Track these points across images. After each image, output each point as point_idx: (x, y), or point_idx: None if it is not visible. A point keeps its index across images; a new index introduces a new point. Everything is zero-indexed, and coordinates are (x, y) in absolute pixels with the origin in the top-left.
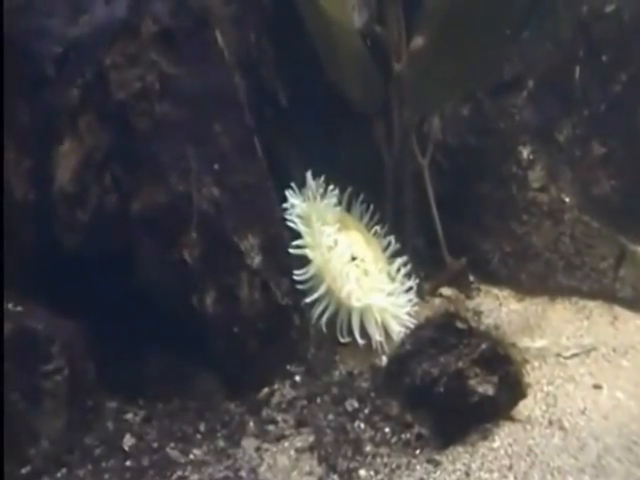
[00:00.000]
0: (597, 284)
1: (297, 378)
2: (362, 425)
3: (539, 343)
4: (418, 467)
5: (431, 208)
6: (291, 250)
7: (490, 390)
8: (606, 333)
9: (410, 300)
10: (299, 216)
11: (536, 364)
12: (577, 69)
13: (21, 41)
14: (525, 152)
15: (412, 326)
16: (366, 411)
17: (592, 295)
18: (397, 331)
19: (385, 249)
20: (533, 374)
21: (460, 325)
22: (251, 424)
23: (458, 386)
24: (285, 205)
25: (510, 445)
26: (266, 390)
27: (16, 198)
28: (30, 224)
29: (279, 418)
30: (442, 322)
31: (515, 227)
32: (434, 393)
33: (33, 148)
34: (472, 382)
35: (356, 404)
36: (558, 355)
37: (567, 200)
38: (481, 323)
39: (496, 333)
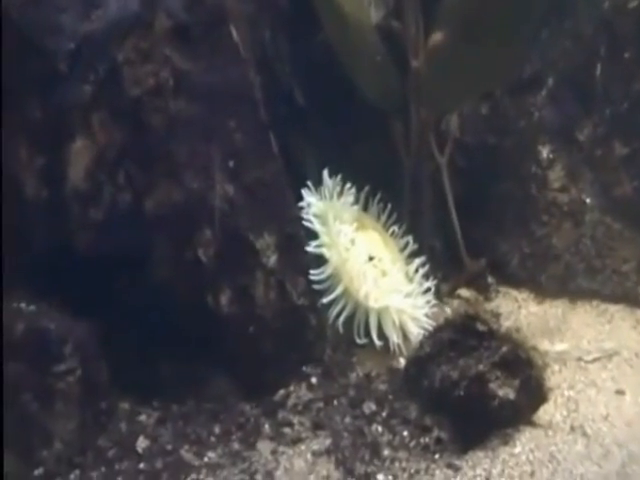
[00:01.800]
0: (619, 287)
1: (313, 380)
2: (380, 428)
3: (559, 347)
4: (437, 472)
5: (449, 208)
6: (308, 249)
7: (511, 394)
8: (628, 337)
9: (428, 301)
10: (316, 215)
11: (556, 368)
12: (598, 67)
13: (33, 37)
14: (545, 152)
15: (430, 328)
16: (384, 414)
17: (614, 298)
18: (415, 333)
19: (403, 249)
20: (554, 378)
21: (480, 327)
22: (267, 426)
23: (478, 390)
24: (301, 204)
25: (532, 451)
26: (282, 392)
27: (28, 196)
28: (43, 223)
29: (295, 420)
30: (461, 324)
31: (535, 228)
32: (454, 396)
33: (45, 146)
34: (493, 386)
35: (374, 407)
36: (579, 359)
37: (588, 201)
38: (500, 325)
39: (516, 336)
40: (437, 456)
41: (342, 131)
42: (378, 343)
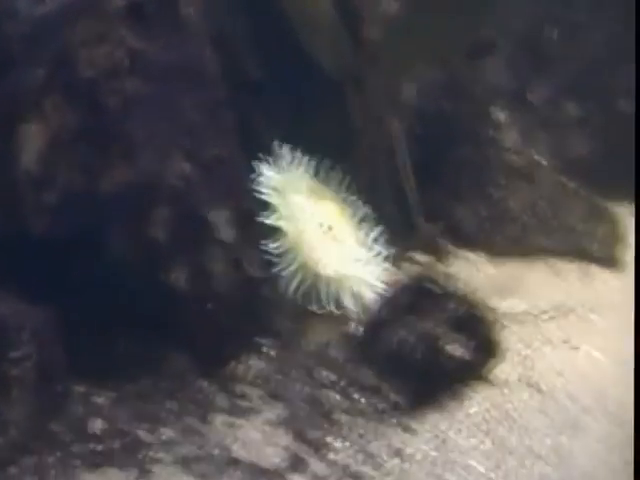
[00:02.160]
0: (574, 245)
1: (271, 351)
2: (337, 396)
3: (515, 306)
4: (394, 436)
5: (406, 174)
6: (265, 222)
7: (467, 355)
8: (583, 293)
9: (385, 268)
10: (273, 188)
11: (513, 327)
12: (553, 30)
13: None
14: (500, 115)
15: (387, 294)
16: (341, 382)
17: (569, 256)
18: (372, 299)
19: (360, 218)
20: (510, 338)
21: (436, 290)
22: (223, 400)
23: (435, 352)
24: (258, 177)
25: (487, 410)
26: (239, 365)
27: None
28: None
29: (251, 393)
30: (417, 288)
31: (491, 191)
32: (410, 360)
33: None
34: (449, 347)
35: (331, 375)
36: (535, 318)
37: (543, 162)
38: (457, 288)
39: (472, 297)
40: (394, 420)
41: (299, 103)
42: (336, 311)
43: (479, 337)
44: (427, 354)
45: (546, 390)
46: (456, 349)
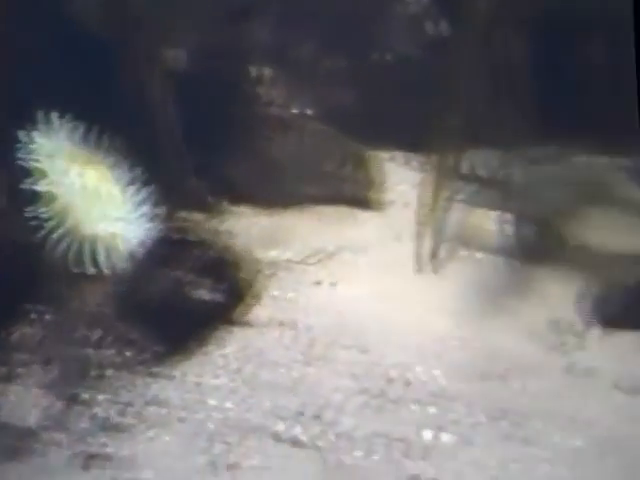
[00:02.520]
0: (339, 190)
1: (44, 316)
2: (106, 353)
3: (282, 254)
4: (154, 385)
5: (174, 135)
6: (33, 188)
7: (218, 299)
8: (348, 236)
9: (150, 227)
10: (40, 154)
11: (281, 274)
12: None
13: None
14: (265, 71)
15: (148, 249)
16: (109, 339)
17: (335, 201)
18: (135, 256)
19: (128, 180)
20: (277, 284)
21: (192, 239)
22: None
23: (185, 299)
24: (26, 144)
25: (241, 350)
26: (12, 331)
27: None
28: None
29: (24, 358)
30: (175, 241)
31: (260, 145)
32: (164, 309)
33: None
34: (201, 292)
35: (99, 333)
36: (300, 263)
37: (309, 112)
38: (217, 238)
39: (228, 244)
40: (154, 370)
41: (73, 69)
42: (104, 271)
43: (231, 280)
44: (178, 302)
45: (302, 328)
46: (208, 293)
